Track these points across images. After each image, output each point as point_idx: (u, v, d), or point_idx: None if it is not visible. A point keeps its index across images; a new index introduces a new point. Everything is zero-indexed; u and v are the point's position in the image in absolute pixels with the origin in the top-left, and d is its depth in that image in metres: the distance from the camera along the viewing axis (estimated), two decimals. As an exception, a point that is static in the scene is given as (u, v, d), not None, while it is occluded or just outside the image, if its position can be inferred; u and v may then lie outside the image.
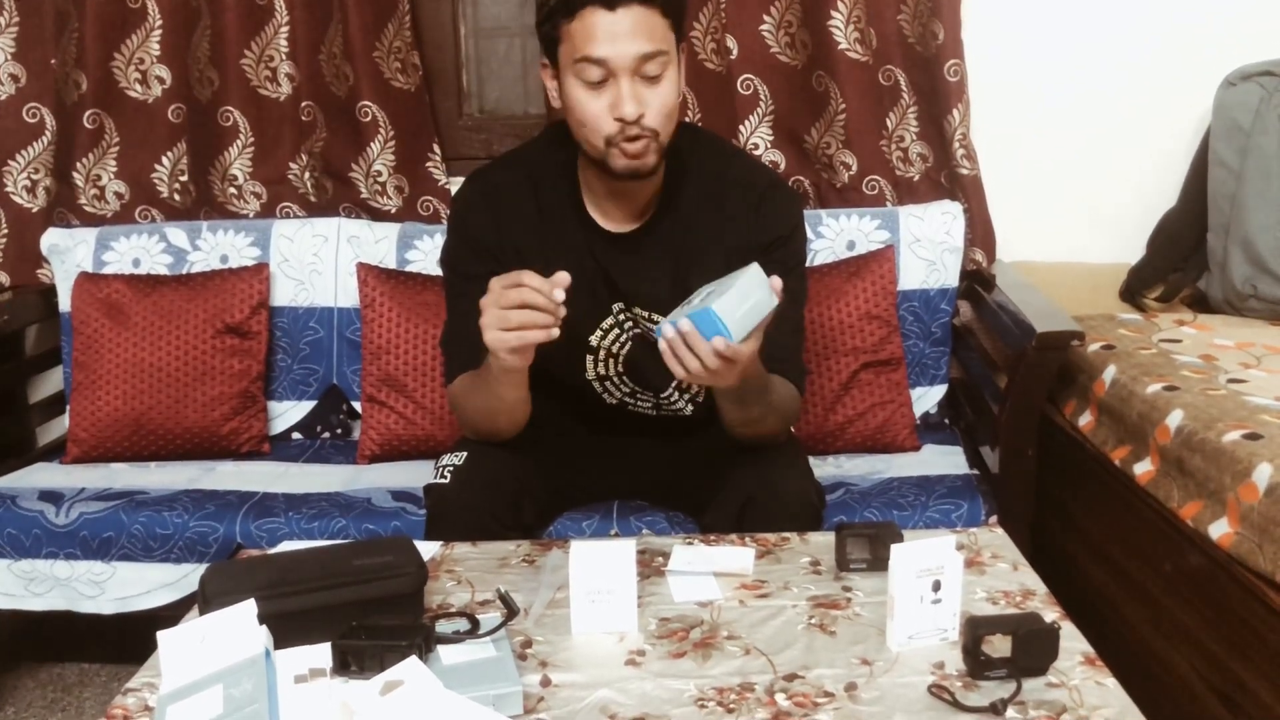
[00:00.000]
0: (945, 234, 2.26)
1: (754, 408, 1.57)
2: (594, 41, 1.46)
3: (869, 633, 1.25)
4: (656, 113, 1.50)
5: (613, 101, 1.48)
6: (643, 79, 1.48)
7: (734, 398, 1.54)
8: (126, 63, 2.40)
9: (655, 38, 1.47)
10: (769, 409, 1.59)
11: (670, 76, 1.51)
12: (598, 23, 1.45)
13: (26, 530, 1.95)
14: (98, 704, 2.19)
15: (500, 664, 1.17)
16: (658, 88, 1.49)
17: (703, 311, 1.34)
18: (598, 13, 1.45)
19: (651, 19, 1.47)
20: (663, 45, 1.48)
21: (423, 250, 2.32)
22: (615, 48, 1.46)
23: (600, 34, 1.45)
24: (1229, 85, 2.20)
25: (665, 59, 1.49)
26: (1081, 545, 1.96)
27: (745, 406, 1.56)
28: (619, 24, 1.45)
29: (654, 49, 1.47)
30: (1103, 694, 1.13)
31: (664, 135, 1.53)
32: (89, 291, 2.27)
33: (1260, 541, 1.40)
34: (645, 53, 1.47)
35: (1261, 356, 1.90)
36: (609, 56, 1.46)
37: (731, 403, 1.56)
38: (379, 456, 2.20)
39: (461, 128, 2.53)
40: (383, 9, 2.31)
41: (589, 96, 1.49)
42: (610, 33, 1.45)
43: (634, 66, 1.47)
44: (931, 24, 2.24)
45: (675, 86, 1.52)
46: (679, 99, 1.54)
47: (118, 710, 1.14)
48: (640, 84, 1.48)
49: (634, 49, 1.46)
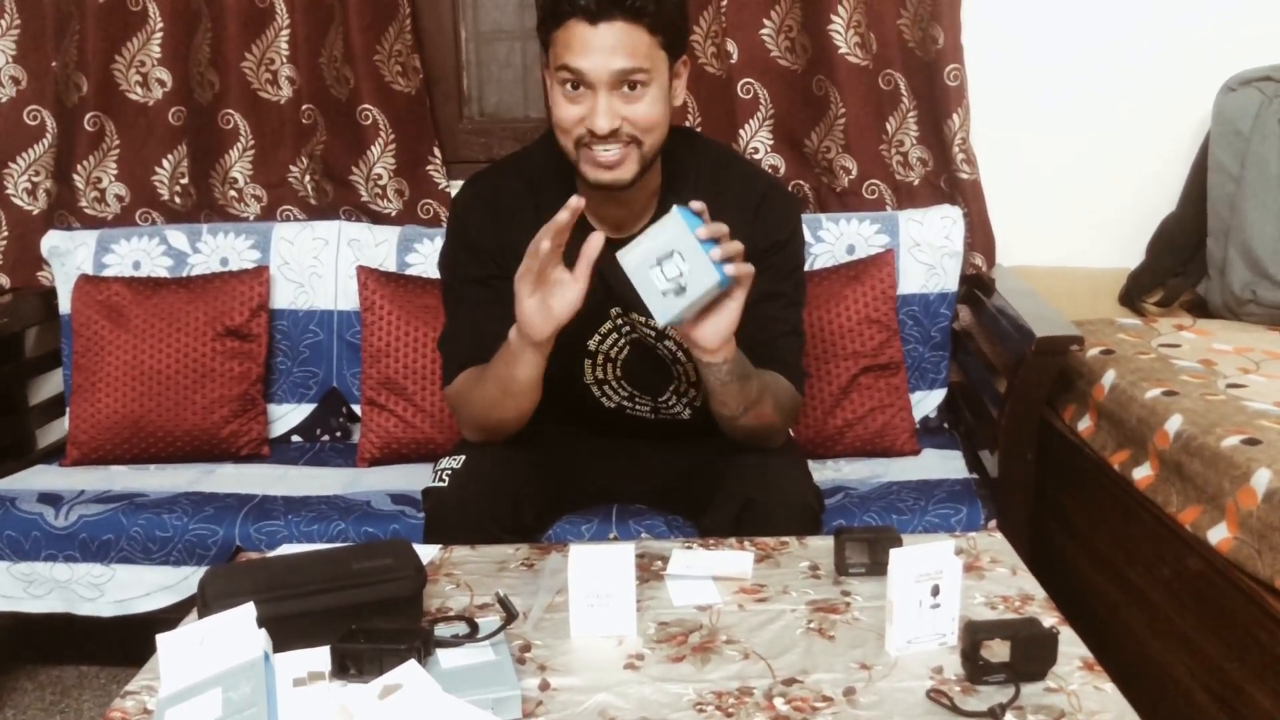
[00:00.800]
0: (945, 238, 2.27)
1: (752, 384, 1.56)
2: (573, 53, 1.48)
3: (868, 637, 1.25)
4: (635, 124, 1.51)
5: (587, 112, 1.49)
6: (621, 94, 1.49)
7: (737, 374, 1.53)
8: (127, 65, 2.40)
9: (637, 55, 1.48)
10: (764, 387, 1.58)
11: (652, 93, 1.51)
12: (579, 35, 1.47)
13: (26, 532, 1.95)
14: (96, 706, 2.19)
15: (499, 668, 1.17)
16: (638, 103, 1.50)
17: (681, 211, 1.37)
18: (580, 25, 1.47)
19: (635, 36, 1.47)
20: (644, 63, 1.49)
21: (423, 253, 2.32)
22: (592, 61, 1.47)
23: (579, 46, 1.47)
24: (1229, 90, 2.21)
25: (646, 76, 1.49)
26: (1080, 550, 1.96)
27: (746, 385, 1.55)
28: (600, 39, 1.46)
29: (633, 66, 1.48)
30: (1101, 699, 1.13)
31: (646, 146, 1.53)
32: (89, 294, 2.27)
33: (1259, 547, 1.40)
34: (623, 69, 1.47)
35: (1260, 362, 1.90)
36: (585, 69, 1.47)
37: (736, 382, 1.54)
38: (378, 459, 2.20)
39: (462, 131, 2.53)
40: (383, 12, 2.31)
41: (565, 103, 1.51)
42: (590, 46, 1.47)
43: (611, 82, 1.48)
44: (931, 28, 2.24)
45: (658, 102, 1.52)
46: (664, 114, 1.54)
47: (116, 713, 1.14)
48: (618, 98, 1.49)
49: (612, 65, 1.47)
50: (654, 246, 1.37)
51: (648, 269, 1.37)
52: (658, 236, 1.37)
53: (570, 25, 1.47)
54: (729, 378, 1.53)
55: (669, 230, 1.36)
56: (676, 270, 1.37)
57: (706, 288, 1.38)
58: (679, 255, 1.36)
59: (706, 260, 1.36)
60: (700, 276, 1.37)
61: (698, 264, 1.36)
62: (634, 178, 1.55)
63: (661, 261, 1.37)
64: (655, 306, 1.39)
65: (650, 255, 1.37)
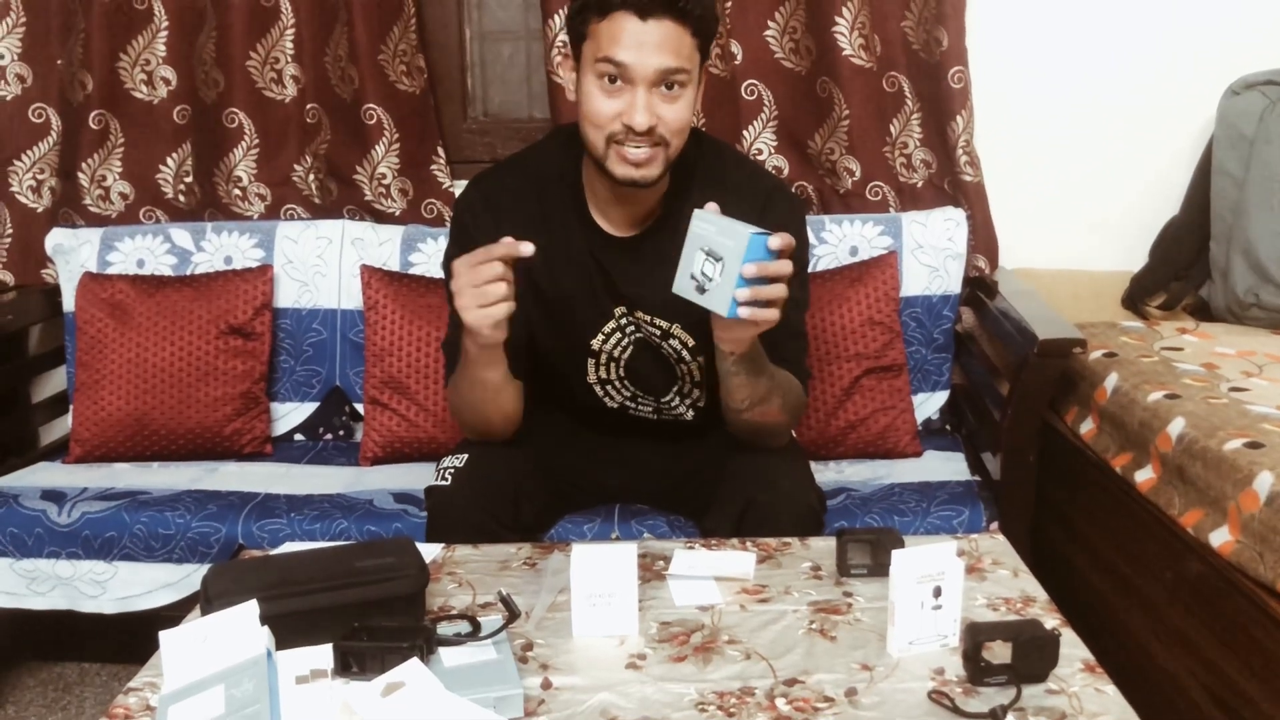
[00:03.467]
0: (948, 240, 2.27)
1: (761, 381, 1.56)
2: (619, 46, 1.47)
3: (869, 638, 1.26)
4: (668, 126, 1.50)
5: (625, 108, 1.49)
6: (660, 93, 1.49)
7: (748, 369, 1.53)
8: (132, 64, 2.40)
9: (681, 55, 1.48)
10: (775, 385, 1.58)
11: (688, 95, 1.51)
12: (627, 28, 1.46)
13: (29, 529, 1.96)
14: (97, 703, 2.20)
15: (501, 666, 1.17)
16: (674, 104, 1.50)
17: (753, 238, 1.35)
18: (629, 19, 1.46)
19: (680, 37, 1.48)
20: (686, 64, 1.49)
21: (426, 253, 2.33)
22: (638, 56, 1.46)
23: (627, 40, 1.46)
24: (1233, 94, 2.21)
25: (686, 77, 1.50)
26: (1082, 552, 1.96)
27: (755, 381, 1.55)
28: (647, 34, 1.46)
29: (676, 66, 1.48)
30: (1102, 701, 1.13)
31: (673, 148, 1.53)
32: (93, 291, 2.27)
33: (1261, 550, 1.40)
34: (668, 67, 1.47)
35: (1263, 365, 1.90)
36: (630, 64, 1.47)
37: (746, 376, 1.54)
38: (381, 458, 2.20)
39: (466, 131, 2.53)
40: (388, 12, 2.32)
41: (602, 96, 1.50)
42: (637, 41, 1.46)
43: (653, 79, 1.48)
44: (936, 31, 2.24)
45: (691, 104, 1.53)
46: (691, 118, 1.54)
47: (119, 709, 1.15)
48: (657, 97, 1.49)
49: (657, 62, 1.47)
50: (715, 239, 1.37)
51: (697, 247, 1.39)
52: (724, 235, 1.37)
53: (618, 18, 1.47)
54: (736, 369, 1.53)
55: (730, 241, 1.36)
56: (711, 273, 1.38)
57: (714, 308, 1.39)
58: (722, 266, 1.37)
59: (731, 291, 1.36)
60: (718, 296, 1.38)
61: (724, 287, 1.37)
62: (658, 178, 1.55)
63: (709, 255, 1.38)
64: (679, 274, 1.41)
65: (707, 240, 1.38)
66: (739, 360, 1.52)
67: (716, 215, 1.40)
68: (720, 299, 1.38)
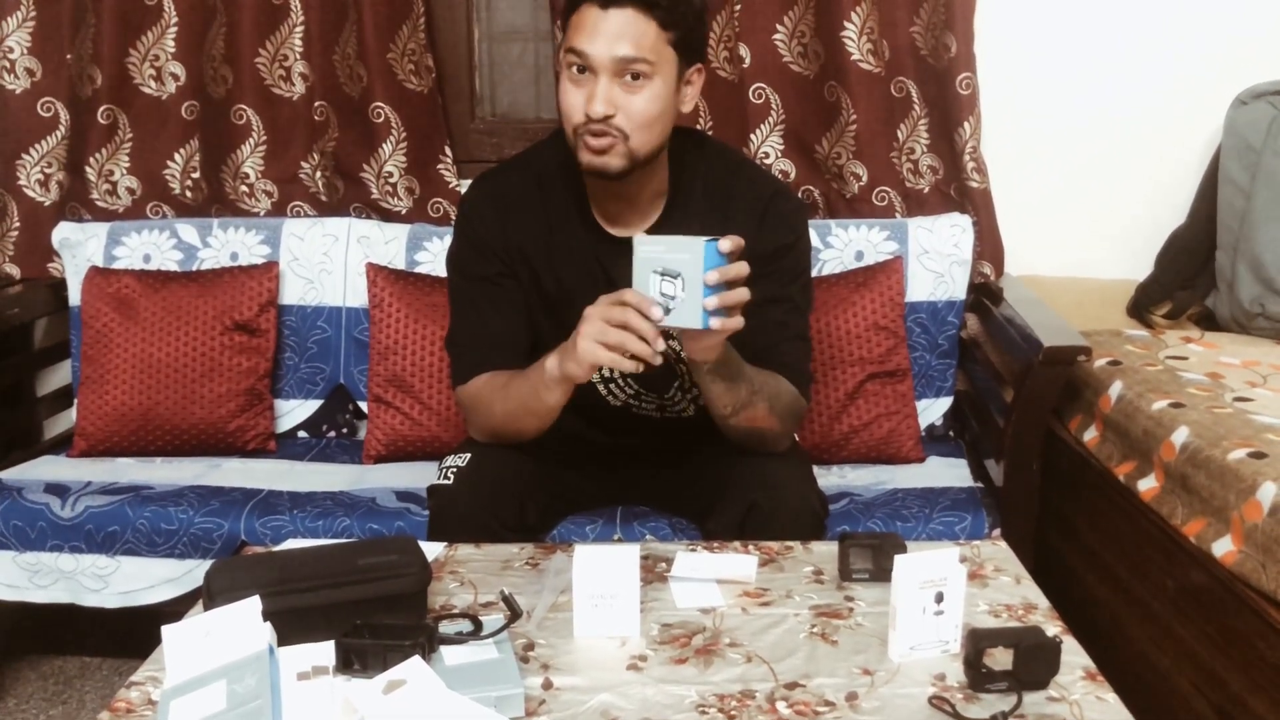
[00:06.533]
0: (954, 246, 2.27)
1: (741, 387, 1.55)
2: (580, 34, 1.50)
3: (871, 643, 1.26)
4: (629, 117, 1.51)
5: (587, 96, 1.50)
6: (623, 83, 1.50)
7: (724, 375, 1.53)
8: (142, 59, 2.41)
9: (642, 46, 1.49)
10: (758, 389, 1.57)
11: (654, 88, 1.51)
12: (588, 18, 1.50)
13: (32, 523, 1.96)
14: (98, 697, 2.20)
15: (502, 666, 1.17)
16: (636, 95, 1.51)
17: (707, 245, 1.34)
18: (592, 9, 1.50)
19: (642, 26, 1.49)
20: (649, 55, 1.49)
21: (432, 252, 2.33)
22: (595, 45, 1.49)
23: (588, 29, 1.49)
24: (1240, 104, 2.21)
25: (649, 68, 1.50)
26: (1084, 560, 1.96)
27: (734, 387, 1.54)
28: (608, 23, 1.48)
29: (636, 55, 1.49)
30: (1103, 709, 1.13)
31: (635, 141, 1.53)
32: (99, 286, 2.28)
33: (1264, 560, 1.40)
34: (626, 56, 1.49)
35: (1268, 375, 1.90)
36: (590, 52, 1.49)
37: (723, 382, 1.53)
38: (384, 456, 2.20)
39: (473, 131, 2.54)
40: (397, 11, 2.32)
41: (569, 86, 1.53)
42: (596, 29, 1.49)
43: (613, 68, 1.49)
44: (944, 37, 2.24)
45: (657, 100, 1.52)
46: (662, 114, 1.54)
47: (121, 703, 1.15)
48: (618, 87, 1.50)
49: (614, 50, 1.48)
50: (666, 257, 1.36)
51: (650, 271, 1.38)
52: (674, 252, 1.36)
53: (583, 9, 1.50)
54: (713, 378, 1.53)
55: (685, 255, 1.35)
56: (672, 291, 1.37)
57: (685, 324, 1.38)
58: (681, 281, 1.36)
59: (699, 302, 1.35)
60: (686, 312, 1.37)
61: (691, 301, 1.36)
62: (622, 171, 1.55)
63: (665, 275, 1.37)
64: None
65: (659, 262, 1.37)
66: (714, 369, 1.51)
67: (658, 236, 1.40)
68: (690, 314, 1.36)
